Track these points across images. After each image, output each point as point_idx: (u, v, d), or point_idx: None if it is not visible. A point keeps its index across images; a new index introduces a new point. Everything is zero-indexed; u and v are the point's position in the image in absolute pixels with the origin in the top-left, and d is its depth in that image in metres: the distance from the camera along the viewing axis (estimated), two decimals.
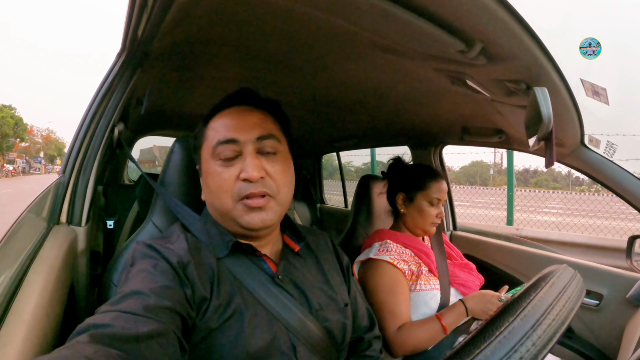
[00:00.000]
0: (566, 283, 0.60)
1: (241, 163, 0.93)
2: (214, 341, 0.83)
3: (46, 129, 78.28)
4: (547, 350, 0.45)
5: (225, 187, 0.92)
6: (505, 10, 0.78)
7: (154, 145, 5.00)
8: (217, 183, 0.93)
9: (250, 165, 0.91)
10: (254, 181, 0.90)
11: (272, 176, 0.94)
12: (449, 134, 2.18)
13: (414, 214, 1.68)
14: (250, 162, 0.91)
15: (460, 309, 1.44)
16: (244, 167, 0.92)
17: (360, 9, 0.83)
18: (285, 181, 0.98)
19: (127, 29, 1.14)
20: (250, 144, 0.94)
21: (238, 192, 0.91)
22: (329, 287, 1.05)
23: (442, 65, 1.16)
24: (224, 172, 0.93)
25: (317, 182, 4.01)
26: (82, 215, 1.20)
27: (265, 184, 0.92)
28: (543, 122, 0.97)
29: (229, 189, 0.92)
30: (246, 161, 0.92)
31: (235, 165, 0.93)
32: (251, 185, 0.91)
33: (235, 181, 0.92)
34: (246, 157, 0.93)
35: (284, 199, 0.98)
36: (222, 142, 0.94)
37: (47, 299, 0.82)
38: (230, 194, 0.92)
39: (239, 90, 1.03)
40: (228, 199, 0.92)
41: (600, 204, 6.95)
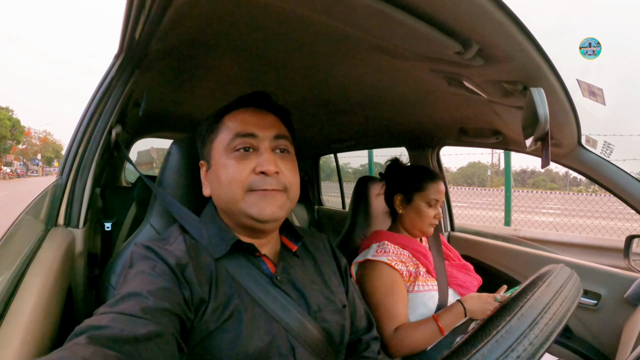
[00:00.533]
0: (563, 282, 0.61)
1: (257, 158, 0.95)
2: (213, 343, 0.83)
3: (43, 131, 78.21)
4: (544, 349, 0.45)
5: (238, 178, 0.93)
6: (501, 12, 0.79)
7: (151, 147, 4.99)
8: (230, 174, 0.94)
9: (266, 159, 0.93)
10: (270, 174, 0.93)
11: (285, 173, 0.97)
12: (447, 135, 2.18)
13: (412, 215, 1.68)
14: (267, 156, 0.94)
15: (458, 309, 1.45)
16: (260, 161, 0.94)
17: (358, 10, 0.84)
18: (296, 180, 1.00)
19: (124, 31, 1.14)
20: (267, 140, 0.97)
21: (250, 185, 0.93)
22: (327, 289, 1.06)
23: (439, 67, 1.16)
24: (239, 164, 0.94)
25: (314, 183, 4.02)
26: (80, 218, 1.20)
27: (279, 179, 0.95)
28: (540, 123, 0.98)
29: (242, 180, 0.93)
30: (263, 156, 0.94)
31: (251, 159, 0.95)
32: (266, 179, 0.93)
33: (249, 174, 0.93)
34: (263, 152, 0.95)
35: (294, 196, 1.00)
36: (242, 134, 0.96)
37: (45, 301, 0.82)
38: (241, 185, 0.93)
39: (256, 92, 1.06)
40: (239, 190, 0.93)
41: (597, 204, 6.96)
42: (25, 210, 1.02)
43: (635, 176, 1.58)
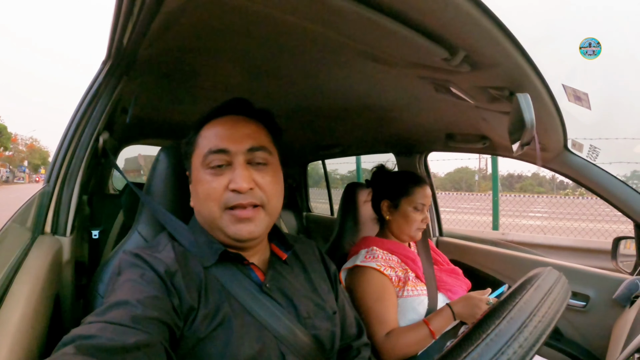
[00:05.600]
0: (551, 285, 0.62)
1: (231, 173, 0.92)
2: (202, 351, 0.82)
3: (30, 138, 77.23)
4: (534, 351, 0.46)
5: (213, 196, 0.92)
6: (488, 19, 0.79)
7: (139, 154, 4.95)
8: (205, 191, 0.93)
9: (239, 176, 0.91)
10: (243, 192, 0.90)
11: (262, 187, 0.94)
12: (434, 140, 2.19)
13: (400, 220, 1.69)
14: (240, 173, 0.91)
15: (447, 313, 1.45)
16: (233, 177, 0.91)
17: (347, 18, 0.84)
18: (275, 192, 0.98)
19: (112, 37, 1.14)
20: (241, 155, 0.94)
21: (226, 202, 0.91)
22: (317, 296, 1.05)
23: (427, 73, 1.17)
24: (213, 181, 0.92)
25: (303, 190, 4.01)
26: (67, 225, 1.19)
27: (254, 194, 0.92)
28: (526, 128, 0.99)
29: (217, 198, 0.92)
30: (236, 172, 0.92)
31: (225, 174, 0.93)
32: (240, 196, 0.91)
33: (224, 191, 0.92)
34: (236, 167, 0.92)
35: (273, 209, 0.98)
36: (213, 151, 0.93)
37: (32, 310, 0.81)
38: (217, 203, 0.92)
39: (233, 99, 1.03)
40: (215, 208, 0.92)
41: (584, 207, 7.05)
42: (12, 218, 1.01)
43: (621, 179, 1.61)
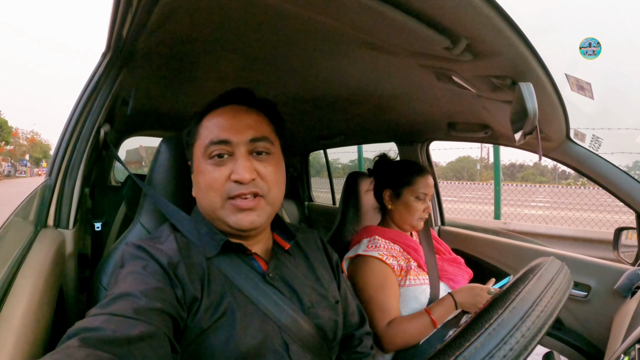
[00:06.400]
0: (554, 275, 0.61)
1: (232, 163, 0.92)
2: (206, 341, 0.83)
3: (31, 132, 77.18)
4: (536, 341, 0.46)
5: (215, 186, 0.92)
6: (490, 7, 0.79)
7: (140, 145, 4.95)
8: (207, 182, 0.93)
9: (241, 166, 0.91)
10: (245, 183, 0.90)
11: (264, 177, 0.94)
12: (436, 129, 2.18)
13: (401, 210, 1.69)
14: (242, 163, 0.91)
15: (449, 302, 1.45)
16: (235, 168, 0.91)
17: (347, 7, 0.83)
18: (277, 181, 0.98)
19: (111, 29, 1.13)
20: (242, 145, 0.93)
21: (227, 192, 0.91)
22: (320, 285, 1.06)
23: (428, 62, 1.16)
24: (215, 171, 0.92)
25: (304, 179, 4.01)
26: (70, 218, 1.19)
27: (256, 184, 0.92)
28: (528, 117, 0.98)
29: (219, 188, 0.92)
30: (237, 162, 0.92)
31: (226, 165, 0.93)
32: (242, 186, 0.91)
33: (225, 181, 0.92)
34: (238, 158, 0.92)
35: (275, 199, 0.98)
36: (215, 142, 0.93)
37: (37, 304, 0.81)
38: (219, 193, 0.92)
39: (235, 89, 1.03)
40: (217, 198, 0.92)
41: (586, 197, 7.03)
42: (14, 212, 1.01)
43: (623, 169, 1.60)
